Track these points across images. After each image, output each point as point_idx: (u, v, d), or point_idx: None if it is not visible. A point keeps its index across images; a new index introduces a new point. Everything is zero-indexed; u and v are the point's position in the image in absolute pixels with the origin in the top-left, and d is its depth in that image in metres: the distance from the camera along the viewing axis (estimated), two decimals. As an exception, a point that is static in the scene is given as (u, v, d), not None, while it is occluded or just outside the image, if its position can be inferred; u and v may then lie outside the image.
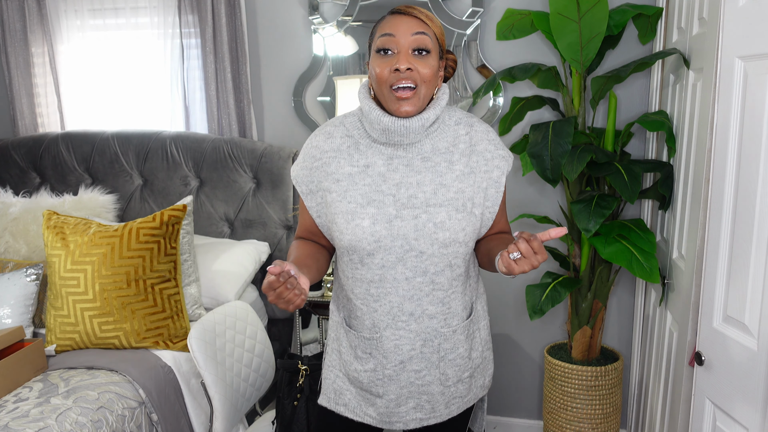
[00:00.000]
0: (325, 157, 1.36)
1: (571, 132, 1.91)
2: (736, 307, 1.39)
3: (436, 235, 1.29)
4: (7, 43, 2.88)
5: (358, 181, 1.32)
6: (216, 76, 2.70)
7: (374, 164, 1.33)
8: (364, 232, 1.29)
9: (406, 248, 1.30)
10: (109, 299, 2.07)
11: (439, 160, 1.33)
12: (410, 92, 1.25)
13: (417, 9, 1.29)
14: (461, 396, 1.47)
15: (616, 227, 2.01)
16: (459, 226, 1.30)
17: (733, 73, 1.40)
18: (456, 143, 1.34)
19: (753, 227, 1.32)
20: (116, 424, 1.78)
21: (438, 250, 1.30)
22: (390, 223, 1.29)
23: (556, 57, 2.44)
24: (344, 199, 1.32)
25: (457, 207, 1.31)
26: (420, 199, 1.30)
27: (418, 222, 1.29)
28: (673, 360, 1.85)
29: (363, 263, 1.33)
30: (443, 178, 1.32)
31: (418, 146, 1.32)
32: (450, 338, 1.39)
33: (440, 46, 1.32)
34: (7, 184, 2.84)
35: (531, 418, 2.77)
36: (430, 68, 1.26)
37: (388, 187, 1.31)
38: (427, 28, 1.27)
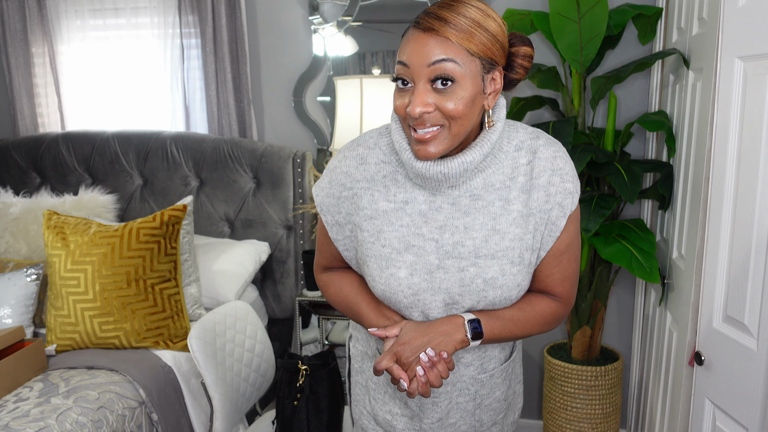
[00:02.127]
0: (356, 188, 1.14)
1: (571, 132, 1.91)
2: (736, 307, 1.39)
3: (486, 293, 1.08)
4: (8, 43, 2.88)
5: (395, 221, 1.10)
6: (216, 76, 2.70)
7: (414, 200, 1.10)
8: (400, 284, 1.10)
9: (449, 302, 1.10)
10: (109, 299, 2.07)
11: (493, 198, 1.08)
12: (432, 132, 1.00)
13: (445, 19, 0.98)
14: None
15: (616, 227, 2.01)
16: (513, 282, 1.08)
17: (733, 73, 1.40)
18: (514, 176, 1.08)
19: (753, 227, 1.32)
20: (116, 423, 1.78)
21: (485, 307, 1.11)
22: (431, 275, 1.09)
23: (556, 57, 2.44)
24: (378, 241, 1.11)
25: (513, 259, 1.08)
26: (468, 248, 1.08)
27: (465, 276, 1.08)
28: (673, 360, 1.86)
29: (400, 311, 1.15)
30: (497, 221, 1.08)
31: (467, 183, 1.08)
32: (487, 383, 1.23)
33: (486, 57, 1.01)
34: (8, 184, 2.84)
35: (531, 418, 2.77)
36: (459, 101, 0.99)
37: (430, 230, 1.09)
38: (453, 49, 0.98)
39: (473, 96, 1.01)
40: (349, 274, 1.27)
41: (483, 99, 1.04)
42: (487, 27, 1.00)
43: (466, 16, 0.99)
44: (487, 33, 1.00)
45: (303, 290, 2.56)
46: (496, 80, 1.05)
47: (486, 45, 1.00)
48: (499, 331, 1.12)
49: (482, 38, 0.99)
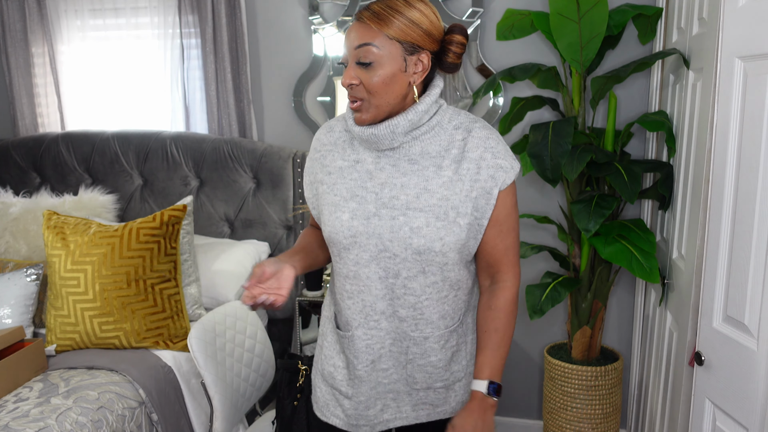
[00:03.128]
0: (323, 150, 1.37)
1: (571, 132, 1.91)
2: (736, 307, 1.39)
3: (411, 240, 1.25)
4: (8, 43, 2.88)
5: (347, 176, 1.31)
6: (216, 76, 2.70)
7: (364, 161, 1.31)
8: (342, 225, 1.28)
9: (380, 248, 1.27)
10: (109, 299, 2.07)
11: (428, 164, 1.27)
12: (358, 103, 1.24)
13: (371, 9, 1.21)
14: (432, 404, 1.40)
15: (616, 227, 2.01)
16: (436, 235, 1.24)
17: (733, 73, 1.40)
18: (449, 148, 1.27)
19: (753, 227, 1.32)
20: (116, 424, 1.78)
21: (411, 256, 1.26)
22: (368, 220, 1.27)
23: (556, 57, 2.44)
24: (332, 191, 1.32)
25: (438, 215, 1.25)
26: (401, 201, 1.26)
27: (395, 224, 1.25)
28: (673, 360, 1.86)
29: (340, 257, 1.32)
30: (429, 183, 1.26)
31: (406, 148, 1.28)
32: (420, 344, 1.34)
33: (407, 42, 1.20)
34: (7, 184, 2.84)
35: (531, 418, 2.77)
36: (379, 77, 1.20)
37: (373, 185, 1.28)
38: (373, 34, 1.19)
39: (392, 74, 1.21)
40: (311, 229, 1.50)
41: (407, 77, 1.23)
42: (409, 16, 1.20)
43: (390, 6, 1.20)
44: (407, 21, 1.19)
45: (303, 290, 2.56)
46: (422, 62, 1.23)
47: (405, 31, 1.20)
48: (500, 363, 1.33)
49: (401, 25, 1.19)
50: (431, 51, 1.24)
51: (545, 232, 2.60)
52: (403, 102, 1.25)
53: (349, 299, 1.33)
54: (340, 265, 1.33)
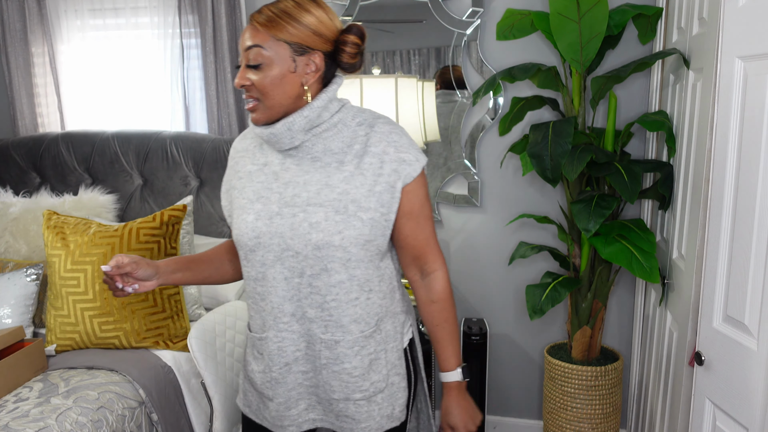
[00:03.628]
0: (237, 156, 1.40)
1: (571, 132, 1.91)
2: (736, 307, 1.39)
3: (310, 236, 1.25)
4: (7, 43, 2.88)
5: (255, 179, 1.34)
6: (216, 76, 2.70)
7: (271, 163, 1.33)
8: (247, 226, 1.30)
9: (283, 247, 1.27)
10: (109, 299, 2.07)
11: (330, 160, 1.28)
12: (252, 104, 1.26)
13: (261, 12, 1.23)
14: (353, 417, 1.35)
15: (616, 227, 2.01)
16: (335, 229, 1.24)
17: (733, 73, 1.40)
18: (352, 144, 1.29)
19: (753, 227, 1.32)
20: (116, 424, 1.78)
21: (312, 252, 1.26)
22: (270, 220, 1.28)
23: (556, 57, 2.44)
24: (241, 194, 1.34)
25: (338, 209, 1.25)
26: (302, 198, 1.27)
27: (295, 221, 1.26)
28: (673, 360, 1.86)
29: (247, 260, 1.33)
30: (330, 178, 1.27)
31: (309, 146, 1.29)
32: (332, 348, 1.31)
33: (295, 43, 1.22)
34: (7, 184, 2.84)
35: (531, 418, 2.77)
36: (268, 78, 1.22)
37: (278, 185, 1.30)
38: (261, 37, 1.21)
39: (282, 75, 1.23)
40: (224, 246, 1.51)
41: (298, 77, 1.24)
42: (298, 18, 1.21)
43: (278, 8, 1.22)
44: (295, 22, 1.21)
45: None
46: (314, 62, 1.24)
47: (293, 33, 1.21)
48: (458, 347, 1.42)
49: (290, 27, 1.21)
50: (325, 51, 1.26)
51: (545, 232, 2.60)
52: (298, 102, 1.27)
53: (262, 301, 1.33)
54: (248, 268, 1.34)
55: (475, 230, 2.67)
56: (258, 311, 1.36)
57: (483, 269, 2.69)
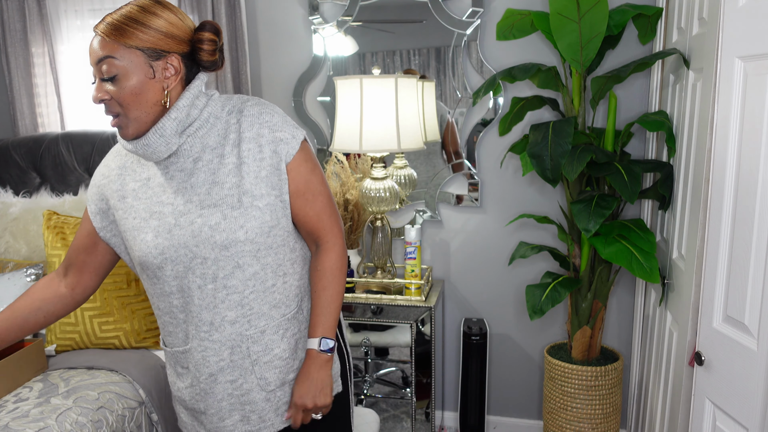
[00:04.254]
0: (112, 175, 1.32)
1: (571, 132, 1.91)
2: (736, 307, 1.39)
3: (214, 239, 1.22)
4: (7, 43, 2.89)
5: (141, 196, 1.28)
6: (216, 76, 2.70)
7: (155, 176, 1.28)
8: (148, 245, 1.25)
9: (190, 256, 1.24)
10: (109, 299, 2.07)
11: (211, 157, 1.25)
12: (116, 120, 1.20)
13: (104, 20, 1.16)
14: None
15: (616, 227, 2.01)
16: (236, 224, 1.22)
17: (733, 73, 1.40)
18: (227, 134, 1.25)
19: (753, 227, 1.32)
20: (116, 424, 1.78)
21: (220, 254, 1.23)
22: (170, 234, 1.24)
23: (556, 57, 2.44)
24: (129, 215, 1.29)
25: (233, 204, 1.23)
26: (195, 203, 1.24)
27: (194, 227, 1.23)
28: (673, 360, 1.86)
29: (157, 277, 1.28)
30: (216, 175, 1.24)
31: (187, 149, 1.25)
32: (259, 340, 1.31)
33: (150, 48, 1.17)
34: (7, 184, 2.84)
35: (531, 418, 2.77)
36: (127, 90, 1.16)
37: (167, 196, 1.26)
38: (112, 47, 1.14)
39: (140, 83, 1.16)
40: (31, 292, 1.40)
41: (159, 83, 1.19)
42: (146, 22, 1.16)
43: (123, 14, 1.16)
44: (144, 27, 1.15)
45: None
46: (172, 65, 1.20)
47: (142, 38, 1.15)
48: (333, 319, 1.35)
49: (138, 33, 1.15)
50: (181, 53, 1.21)
51: (545, 232, 2.60)
52: (164, 108, 1.21)
53: (182, 313, 1.30)
54: (160, 284, 1.29)
55: (475, 230, 2.67)
56: (178, 324, 1.32)
57: (483, 269, 2.69)
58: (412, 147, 2.27)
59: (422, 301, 2.40)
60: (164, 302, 1.31)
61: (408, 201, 2.71)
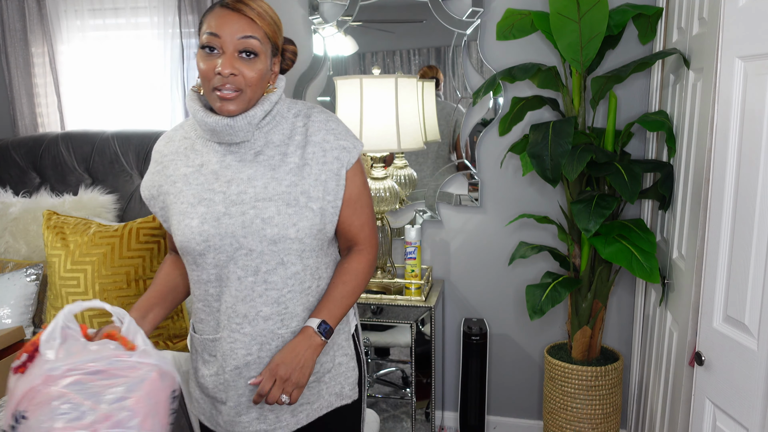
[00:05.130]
0: (165, 161, 1.35)
1: (571, 132, 1.91)
2: (736, 307, 1.39)
3: (264, 231, 1.25)
4: (7, 43, 2.88)
5: (192, 181, 1.30)
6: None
7: (208, 163, 1.30)
8: (193, 231, 1.26)
9: (236, 246, 1.26)
10: (109, 299, 2.07)
11: (273, 153, 1.29)
12: (234, 94, 1.22)
13: (247, 5, 1.22)
14: (308, 402, 1.39)
15: (616, 227, 2.01)
16: (290, 221, 1.25)
17: (733, 73, 1.40)
18: (292, 135, 1.31)
19: (753, 227, 1.32)
20: (116, 424, 1.78)
21: (267, 247, 1.25)
22: (218, 222, 1.26)
23: (556, 57, 2.44)
24: (178, 200, 1.30)
25: (288, 201, 1.26)
26: (250, 195, 1.26)
27: (246, 218, 1.25)
28: (673, 360, 1.86)
29: (197, 264, 1.30)
30: (276, 171, 1.28)
31: (250, 141, 1.30)
32: (288, 340, 1.32)
33: (273, 43, 1.26)
34: (7, 184, 2.84)
35: (531, 418, 2.77)
36: (257, 72, 1.22)
37: (220, 184, 1.28)
38: (257, 28, 1.22)
39: (265, 71, 1.25)
40: (167, 266, 1.45)
41: (269, 74, 1.28)
42: (275, 20, 1.26)
43: (267, 11, 1.24)
44: (275, 25, 1.26)
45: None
46: (276, 64, 1.30)
47: (274, 34, 1.26)
48: (340, 312, 1.34)
49: (274, 27, 1.25)
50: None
51: (545, 232, 2.60)
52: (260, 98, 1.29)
53: (216, 302, 1.32)
54: (198, 272, 1.31)
55: (475, 230, 2.67)
56: (211, 312, 1.33)
57: (483, 269, 2.69)
58: (412, 147, 2.27)
59: (422, 301, 2.40)
60: (200, 289, 1.33)
61: (408, 201, 2.71)
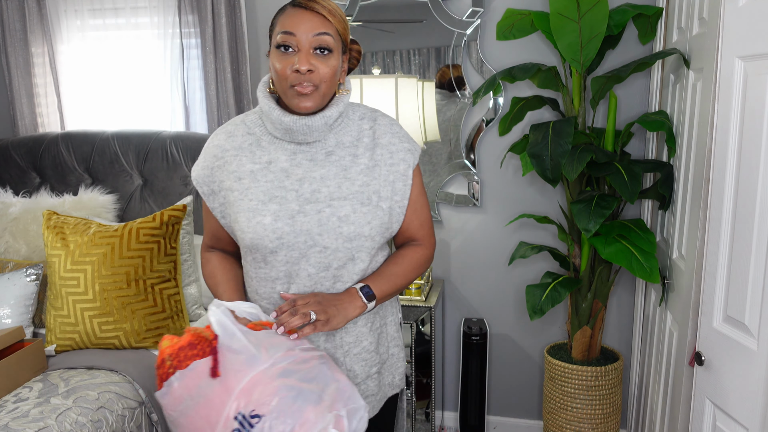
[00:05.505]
0: (226, 156, 1.34)
1: (571, 132, 1.91)
2: (736, 307, 1.39)
3: (341, 229, 1.27)
4: (7, 43, 2.88)
5: (260, 178, 1.30)
6: (216, 76, 2.70)
7: (277, 160, 1.31)
8: (266, 229, 1.27)
9: (310, 243, 1.27)
10: (109, 299, 2.07)
11: (344, 154, 1.32)
12: (311, 89, 1.23)
13: (319, 2, 1.24)
14: (372, 394, 1.43)
15: (616, 227, 2.01)
16: (364, 220, 1.29)
17: (733, 73, 1.40)
18: (360, 137, 1.34)
19: (753, 227, 1.32)
20: (116, 424, 1.78)
21: (342, 245, 1.28)
22: (293, 219, 1.27)
23: (556, 57, 2.44)
24: (246, 197, 1.30)
25: (362, 200, 1.29)
26: (324, 194, 1.28)
27: (322, 216, 1.27)
28: (673, 360, 1.86)
29: (266, 262, 1.30)
30: (348, 171, 1.31)
31: (321, 141, 1.32)
32: (351, 331, 1.36)
33: (343, 41, 1.28)
34: (7, 184, 2.84)
35: (531, 418, 2.77)
36: (331, 68, 1.24)
37: (291, 182, 1.29)
38: (330, 26, 1.24)
39: (337, 68, 1.27)
40: (226, 260, 1.45)
41: (339, 72, 1.29)
42: (344, 18, 1.28)
43: (336, 9, 1.27)
44: (344, 22, 1.28)
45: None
46: (345, 62, 1.32)
47: (345, 31, 1.28)
48: (387, 287, 1.34)
49: (344, 24, 1.28)
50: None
51: (545, 232, 2.60)
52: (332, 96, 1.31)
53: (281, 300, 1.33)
54: (266, 269, 1.31)
55: (475, 230, 2.67)
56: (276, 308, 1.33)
57: (483, 269, 2.69)
58: (412, 147, 2.26)
59: (422, 301, 2.40)
60: (265, 287, 1.34)
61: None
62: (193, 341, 1.15)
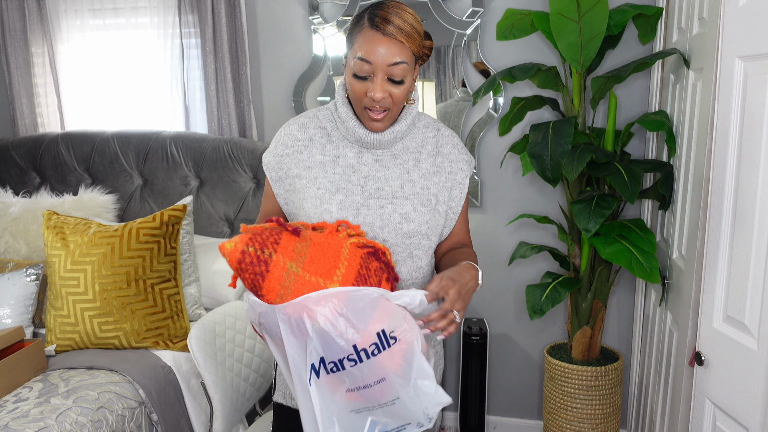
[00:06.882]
0: (297, 145, 1.39)
1: (571, 132, 1.91)
2: (736, 307, 1.39)
3: (401, 226, 1.33)
4: (7, 43, 2.88)
5: (329, 170, 1.36)
6: (216, 76, 2.70)
7: (345, 156, 1.37)
8: (332, 217, 1.32)
9: (371, 236, 1.33)
10: (109, 299, 2.07)
11: (408, 158, 1.39)
12: (383, 114, 1.30)
13: (396, 25, 1.24)
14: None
15: (616, 227, 2.01)
16: (423, 219, 1.35)
17: (733, 73, 1.40)
18: (424, 144, 1.41)
19: (753, 227, 1.32)
20: (116, 424, 1.78)
21: (401, 240, 1.34)
22: (357, 211, 1.33)
23: (556, 57, 2.44)
24: (314, 185, 1.35)
25: (422, 201, 1.36)
26: (387, 192, 1.35)
27: (384, 212, 1.33)
28: (673, 360, 1.86)
29: None
30: (410, 174, 1.37)
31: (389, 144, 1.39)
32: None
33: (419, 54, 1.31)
34: (7, 184, 2.84)
35: (531, 418, 2.77)
36: (403, 92, 1.29)
37: (357, 178, 1.36)
38: (406, 52, 1.26)
39: (410, 85, 1.30)
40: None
41: (412, 83, 1.32)
42: (419, 30, 1.30)
43: (408, 22, 1.27)
44: (419, 36, 1.30)
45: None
46: (417, 69, 1.34)
47: (419, 46, 1.30)
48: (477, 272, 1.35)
49: (418, 41, 1.29)
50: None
51: (545, 232, 2.60)
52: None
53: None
54: None
55: (475, 230, 2.67)
56: None
57: (483, 269, 2.69)
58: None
59: (422, 301, 2.40)
60: None
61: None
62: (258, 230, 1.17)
